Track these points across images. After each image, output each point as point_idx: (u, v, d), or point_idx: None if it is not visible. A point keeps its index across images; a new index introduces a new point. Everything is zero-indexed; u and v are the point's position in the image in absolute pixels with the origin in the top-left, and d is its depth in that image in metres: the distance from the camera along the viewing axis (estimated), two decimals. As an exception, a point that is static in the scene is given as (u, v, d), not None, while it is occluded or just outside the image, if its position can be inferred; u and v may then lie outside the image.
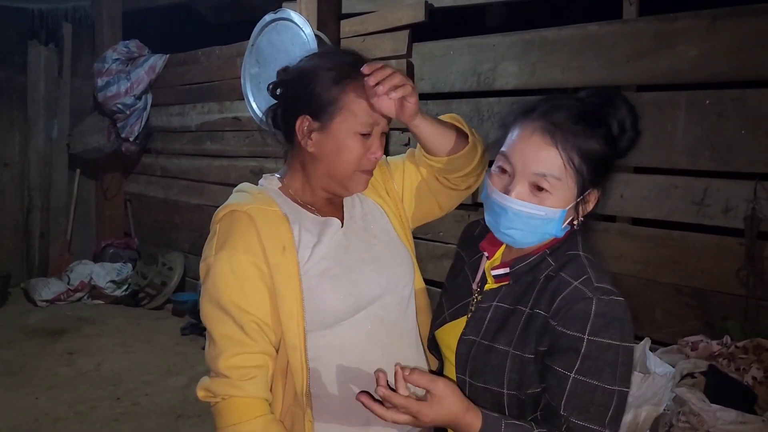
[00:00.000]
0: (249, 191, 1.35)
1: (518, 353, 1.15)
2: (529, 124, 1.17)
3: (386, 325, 1.33)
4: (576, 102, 1.19)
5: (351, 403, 1.28)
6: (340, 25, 4.00)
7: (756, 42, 2.44)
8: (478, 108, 3.37)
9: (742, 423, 1.83)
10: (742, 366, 2.09)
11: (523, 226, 1.16)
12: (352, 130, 1.29)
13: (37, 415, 3.48)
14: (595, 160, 1.15)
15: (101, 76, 5.60)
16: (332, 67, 1.31)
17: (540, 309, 1.15)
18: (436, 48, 3.57)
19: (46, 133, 6.16)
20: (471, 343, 1.22)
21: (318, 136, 1.31)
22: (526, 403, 1.16)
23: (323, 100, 1.29)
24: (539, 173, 1.14)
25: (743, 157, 2.48)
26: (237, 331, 1.22)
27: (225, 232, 1.27)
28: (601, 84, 2.87)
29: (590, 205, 1.20)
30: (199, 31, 5.72)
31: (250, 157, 4.93)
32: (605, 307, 1.09)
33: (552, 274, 1.17)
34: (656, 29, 2.71)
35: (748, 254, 2.43)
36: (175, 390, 3.83)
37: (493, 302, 1.23)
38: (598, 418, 1.08)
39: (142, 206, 6.24)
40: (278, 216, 1.29)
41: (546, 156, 1.14)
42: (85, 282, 5.61)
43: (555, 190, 1.14)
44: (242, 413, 1.22)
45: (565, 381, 1.09)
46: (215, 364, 1.23)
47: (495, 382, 1.16)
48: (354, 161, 1.31)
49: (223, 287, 1.23)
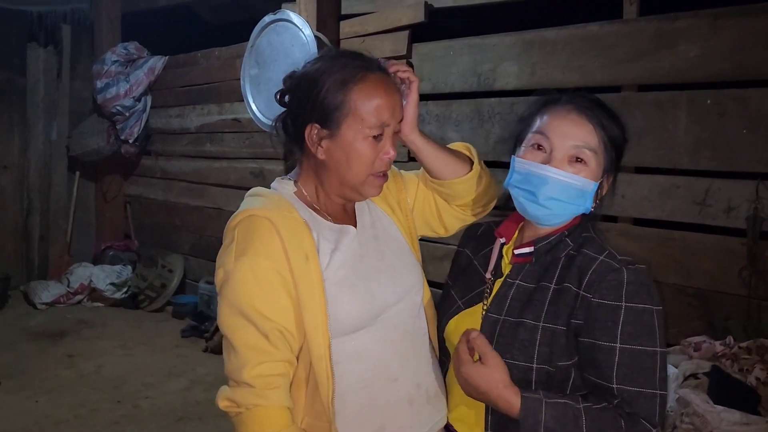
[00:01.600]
0: (265, 195, 1.31)
1: (550, 326, 1.19)
2: (562, 107, 1.27)
3: (401, 331, 1.33)
4: (589, 95, 1.30)
5: (366, 408, 1.28)
6: (340, 25, 3.99)
7: (757, 41, 2.44)
8: (479, 108, 3.37)
9: (745, 424, 1.83)
10: (746, 366, 2.08)
11: (563, 195, 1.23)
12: (361, 135, 1.26)
13: (38, 418, 3.47)
14: (616, 142, 1.27)
15: (100, 78, 5.59)
16: (335, 72, 1.27)
17: (569, 283, 1.21)
18: (436, 48, 3.57)
19: (45, 135, 6.15)
20: (495, 321, 1.25)
21: (328, 144, 1.28)
22: (555, 376, 1.19)
23: (329, 107, 1.26)
24: (579, 145, 1.23)
25: (745, 157, 2.48)
26: (260, 340, 1.19)
27: (245, 238, 1.23)
28: (602, 84, 2.87)
29: (604, 190, 1.29)
30: (199, 32, 5.71)
31: (250, 158, 4.92)
32: (635, 275, 1.17)
33: (573, 252, 1.25)
34: (657, 29, 2.70)
35: (751, 254, 2.42)
36: (176, 392, 3.82)
37: (515, 281, 1.28)
38: (649, 381, 1.14)
39: (142, 208, 6.23)
40: (299, 222, 1.26)
41: (584, 130, 1.24)
42: (84, 284, 5.61)
43: (591, 161, 1.23)
44: (268, 423, 1.19)
45: (612, 353, 1.14)
46: (239, 374, 1.19)
47: (524, 357, 1.19)
48: (366, 165, 1.28)
49: (244, 294, 1.20)
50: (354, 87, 1.26)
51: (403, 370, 1.31)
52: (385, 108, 1.27)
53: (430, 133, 3.84)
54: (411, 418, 1.31)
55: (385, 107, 1.27)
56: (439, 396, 1.37)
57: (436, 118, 3.56)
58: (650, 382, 1.14)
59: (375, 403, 1.28)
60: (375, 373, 1.29)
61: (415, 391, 1.31)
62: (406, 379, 1.31)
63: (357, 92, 1.26)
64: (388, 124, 1.28)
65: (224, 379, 1.25)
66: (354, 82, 1.26)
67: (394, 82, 1.32)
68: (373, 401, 1.28)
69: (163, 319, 5.27)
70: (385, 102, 1.27)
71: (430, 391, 1.35)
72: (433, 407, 1.35)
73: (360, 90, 1.26)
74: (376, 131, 1.27)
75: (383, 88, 1.28)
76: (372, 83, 1.27)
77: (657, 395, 1.14)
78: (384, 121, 1.27)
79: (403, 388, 1.30)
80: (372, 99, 1.26)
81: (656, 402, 1.14)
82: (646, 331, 1.15)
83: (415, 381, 1.32)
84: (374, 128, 1.26)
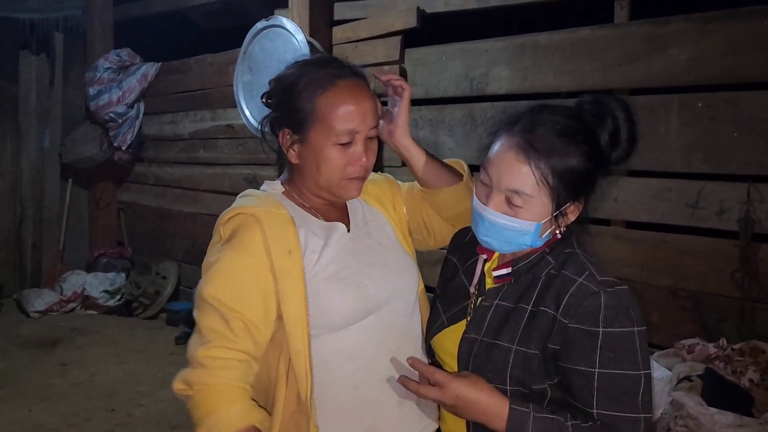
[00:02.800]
0: (254, 195, 1.34)
1: (522, 349, 1.17)
2: (508, 138, 1.19)
3: (393, 330, 1.33)
4: (562, 117, 1.19)
5: (356, 408, 1.28)
6: (333, 31, 4.00)
7: (747, 44, 2.45)
8: (471, 113, 3.37)
9: (739, 426, 1.83)
10: (739, 368, 2.09)
11: (498, 235, 1.20)
12: (329, 141, 1.26)
13: (31, 427, 3.45)
14: (573, 177, 1.17)
15: (93, 85, 5.57)
16: (306, 78, 1.28)
17: (545, 307, 1.17)
18: (428, 53, 3.57)
19: (38, 143, 6.12)
20: (473, 341, 1.23)
21: (299, 148, 1.30)
22: (531, 398, 1.17)
23: (299, 113, 1.28)
24: (512, 189, 1.17)
25: (737, 159, 2.49)
26: (222, 326, 1.21)
27: (230, 233, 1.26)
28: (594, 88, 2.87)
29: (571, 216, 1.22)
30: (191, 39, 5.71)
31: (243, 164, 4.92)
32: (613, 298, 1.12)
33: (553, 272, 1.20)
34: (648, 33, 2.71)
35: (743, 256, 2.43)
36: (170, 400, 3.79)
37: (494, 301, 1.25)
38: (631, 405, 1.11)
39: (135, 215, 6.21)
40: (285, 219, 1.28)
41: (519, 173, 1.16)
42: (78, 292, 5.57)
43: (528, 205, 1.17)
44: (219, 400, 1.18)
45: (591, 378, 1.11)
46: (195, 352, 1.21)
47: (498, 379, 1.18)
48: (336, 171, 1.28)
49: (216, 285, 1.23)
50: (322, 94, 1.27)
51: (393, 371, 1.31)
52: (353, 115, 1.26)
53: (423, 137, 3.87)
54: (401, 419, 1.31)
55: (354, 114, 1.26)
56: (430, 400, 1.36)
57: (429, 123, 3.57)
58: (633, 406, 1.11)
59: (364, 403, 1.29)
60: (365, 373, 1.29)
61: (406, 393, 1.30)
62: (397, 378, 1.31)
63: (325, 99, 1.26)
64: (358, 131, 1.27)
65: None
66: (322, 88, 1.27)
67: (368, 88, 1.31)
68: (362, 401, 1.28)
69: (157, 327, 5.24)
70: (354, 109, 1.26)
71: None
72: (424, 408, 1.35)
73: (328, 97, 1.26)
74: (345, 138, 1.26)
75: (353, 95, 1.27)
76: (341, 90, 1.27)
77: (641, 419, 1.11)
78: (352, 129, 1.27)
79: (394, 389, 1.30)
80: (340, 106, 1.26)
81: (640, 426, 1.11)
82: (626, 354, 1.11)
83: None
84: (342, 135, 1.26)
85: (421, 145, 1.42)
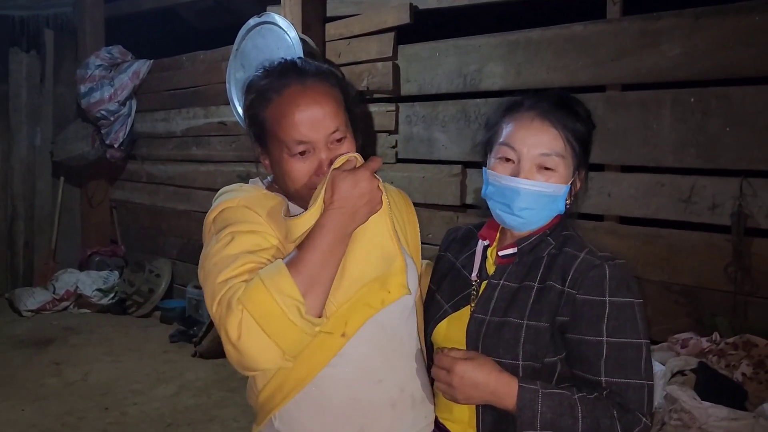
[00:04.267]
0: (233, 189, 1.31)
1: (533, 323, 1.22)
2: (524, 114, 1.28)
3: (388, 332, 1.30)
4: (554, 92, 1.33)
5: (347, 408, 1.26)
6: (325, 28, 3.99)
7: (738, 39, 2.46)
8: (465, 109, 3.37)
9: (733, 419, 1.84)
10: (732, 362, 2.10)
11: (536, 204, 1.26)
12: (285, 153, 1.22)
13: (24, 427, 3.43)
14: (582, 139, 1.29)
15: (84, 83, 5.54)
16: (257, 90, 1.25)
17: (552, 281, 1.23)
18: (421, 50, 3.57)
19: (29, 141, 6.09)
20: (481, 321, 1.26)
21: (265, 159, 1.28)
22: (542, 372, 1.21)
23: (255, 127, 1.26)
24: (545, 153, 1.25)
25: (729, 154, 2.50)
26: (237, 269, 1.14)
27: (223, 221, 1.23)
28: (586, 84, 2.88)
29: (578, 185, 1.32)
30: (184, 36, 5.68)
31: (236, 161, 4.90)
32: (616, 270, 1.21)
33: (554, 251, 1.27)
34: (640, 28, 2.72)
35: (736, 250, 2.44)
36: (165, 398, 3.79)
37: (500, 281, 1.29)
38: (636, 372, 1.18)
39: (128, 213, 6.19)
40: (270, 196, 1.27)
41: (548, 138, 1.25)
42: (71, 291, 5.55)
43: (559, 167, 1.25)
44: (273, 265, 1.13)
45: (599, 347, 1.18)
46: (217, 289, 1.13)
47: (510, 355, 1.21)
48: (300, 183, 1.23)
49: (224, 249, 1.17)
50: (268, 106, 1.23)
51: (387, 372, 1.29)
52: (301, 125, 1.20)
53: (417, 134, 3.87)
54: (393, 422, 1.29)
55: (301, 125, 1.20)
56: (425, 402, 1.35)
57: (422, 119, 3.57)
58: (637, 373, 1.17)
59: (357, 404, 1.27)
60: (359, 374, 1.27)
61: (399, 395, 1.29)
62: (391, 381, 1.29)
63: (271, 111, 1.23)
64: (309, 140, 1.21)
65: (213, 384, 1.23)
66: (268, 100, 1.23)
67: (323, 92, 1.23)
68: (355, 401, 1.26)
69: (150, 325, 5.22)
70: (299, 119, 1.20)
71: (416, 396, 1.33)
72: (418, 413, 1.33)
73: (273, 109, 1.23)
74: (299, 149, 1.21)
75: (298, 104, 1.20)
76: (286, 100, 1.22)
77: (645, 385, 1.18)
78: (302, 139, 1.20)
79: (386, 391, 1.28)
80: (284, 118, 1.21)
81: (644, 392, 1.17)
82: (630, 324, 1.18)
83: (399, 384, 1.30)
84: (293, 146, 1.21)
85: None
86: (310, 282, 1.12)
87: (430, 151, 3.55)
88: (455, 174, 3.41)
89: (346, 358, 1.26)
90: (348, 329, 1.24)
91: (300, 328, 1.10)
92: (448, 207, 3.47)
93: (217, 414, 3.56)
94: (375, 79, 3.70)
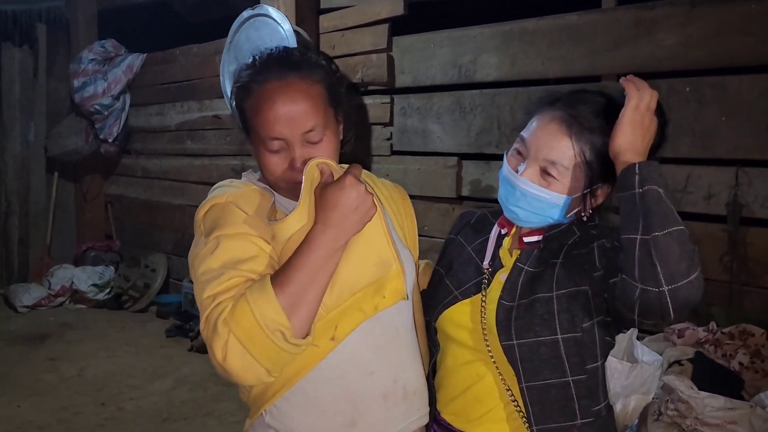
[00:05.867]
0: (225, 185, 1.31)
1: (563, 291, 1.21)
2: (550, 112, 1.24)
3: (382, 323, 1.28)
4: (601, 98, 1.25)
5: (338, 399, 1.25)
6: (319, 20, 3.97)
7: (733, 28, 2.45)
8: (460, 101, 3.36)
9: (729, 409, 1.84)
10: (729, 352, 2.10)
11: (528, 205, 1.24)
12: (262, 147, 1.22)
13: (20, 423, 3.42)
14: (605, 154, 1.18)
15: (77, 77, 5.51)
16: (240, 83, 1.25)
17: (578, 250, 1.23)
18: (416, 41, 3.55)
19: (22, 136, 6.05)
20: (509, 308, 1.24)
21: (249, 148, 1.29)
22: (584, 342, 1.20)
23: (240, 115, 1.26)
24: (549, 160, 1.21)
25: (724, 144, 2.49)
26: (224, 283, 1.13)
27: (212, 222, 1.22)
28: (582, 74, 2.87)
29: (599, 199, 1.27)
30: (177, 29, 5.65)
31: (231, 155, 4.88)
32: None
33: (578, 240, 1.25)
34: (635, 17, 2.71)
35: (731, 240, 2.43)
36: (161, 393, 3.78)
37: (524, 267, 1.27)
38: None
39: (123, 208, 6.16)
40: (258, 192, 1.26)
41: (558, 144, 1.21)
42: (66, 286, 5.53)
43: (562, 178, 1.21)
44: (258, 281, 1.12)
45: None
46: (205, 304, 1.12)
47: (548, 330, 1.20)
48: (276, 176, 1.23)
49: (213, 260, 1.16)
50: (247, 99, 1.23)
51: (380, 363, 1.27)
52: (275, 122, 1.18)
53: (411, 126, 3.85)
54: (384, 414, 1.28)
55: (276, 121, 1.18)
56: (418, 394, 1.33)
57: (417, 111, 3.55)
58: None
59: (348, 395, 1.25)
60: (351, 365, 1.25)
61: (391, 386, 1.28)
62: (383, 373, 1.27)
63: (249, 105, 1.23)
64: (284, 137, 1.19)
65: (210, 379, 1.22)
66: (247, 93, 1.23)
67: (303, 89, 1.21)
68: (346, 393, 1.25)
69: (147, 320, 5.21)
70: (275, 115, 1.18)
71: (408, 388, 1.31)
72: (410, 405, 1.31)
73: (251, 103, 1.22)
74: (274, 146, 1.20)
75: (275, 100, 1.19)
76: (263, 95, 1.20)
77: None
78: (277, 135, 1.19)
79: (378, 382, 1.27)
80: (260, 113, 1.20)
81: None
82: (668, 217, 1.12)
83: (392, 376, 1.29)
84: (268, 142, 1.20)
85: None
86: (296, 302, 1.11)
87: (425, 143, 3.53)
88: (451, 166, 3.40)
89: (338, 351, 1.24)
90: (338, 333, 1.22)
91: (286, 351, 1.11)
92: (444, 199, 3.46)
93: (214, 408, 3.55)
94: (369, 71, 3.69)
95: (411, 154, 3.63)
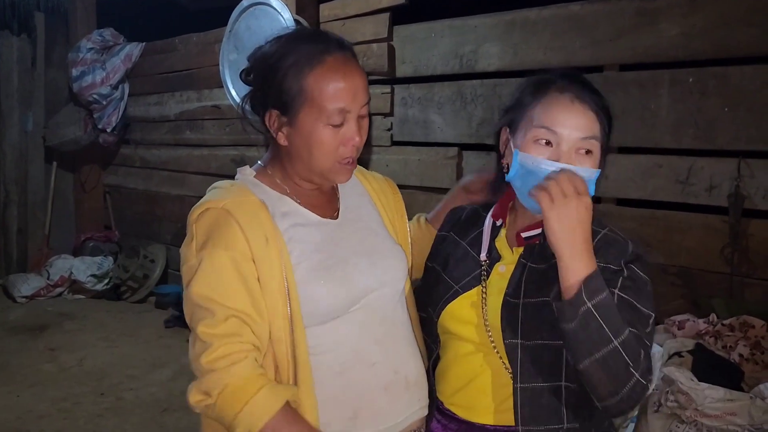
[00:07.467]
0: (221, 187, 1.29)
1: None
2: (560, 96, 1.23)
3: (379, 317, 1.30)
4: (574, 73, 1.30)
5: (341, 392, 1.26)
6: (320, 8, 3.94)
7: (737, 18, 2.43)
8: (461, 91, 3.34)
9: (729, 400, 1.83)
10: (729, 343, 2.09)
11: None
12: (320, 122, 1.21)
13: (20, 413, 3.42)
14: (609, 123, 1.27)
15: (76, 66, 5.48)
16: (291, 56, 1.22)
17: None
18: (417, 30, 3.53)
19: (20, 126, 6.03)
20: (515, 305, 1.23)
21: (288, 131, 1.25)
22: None
23: (286, 94, 1.22)
24: (587, 137, 1.22)
25: (726, 135, 2.48)
26: (218, 325, 1.16)
27: (204, 231, 1.21)
28: (584, 64, 2.85)
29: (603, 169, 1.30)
30: (176, 18, 5.61)
31: (230, 145, 4.86)
32: (637, 248, 1.26)
33: None
34: (637, 7, 2.68)
35: (733, 232, 2.42)
36: (160, 383, 3.78)
37: (527, 262, 1.27)
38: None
39: (122, 198, 6.15)
40: (256, 204, 1.24)
41: (589, 121, 1.23)
42: (65, 277, 5.53)
43: (595, 150, 1.24)
44: (245, 394, 1.14)
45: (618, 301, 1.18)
46: (200, 361, 1.16)
47: (555, 336, 1.18)
48: (329, 154, 1.23)
49: (202, 285, 1.18)
50: (310, 73, 1.21)
51: (381, 355, 1.28)
52: (344, 94, 1.21)
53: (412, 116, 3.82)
54: (387, 405, 1.28)
55: (346, 93, 1.21)
56: (418, 385, 1.34)
57: (418, 101, 3.53)
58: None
59: (351, 388, 1.26)
60: (353, 358, 1.26)
61: (393, 377, 1.28)
62: (384, 364, 1.28)
63: (313, 78, 1.21)
64: (349, 110, 1.22)
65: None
66: (310, 67, 1.21)
67: (357, 63, 1.26)
68: (349, 386, 1.26)
69: (145, 310, 5.22)
70: (344, 87, 1.21)
71: (410, 378, 1.32)
72: (412, 395, 1.32)
73: (316, 76, 1.21)
74: (337, 119, 1.21)
75: (342, 72, 1.21)
76: (330, 67, 1.21)
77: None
78: (344, 108, 1.21)
79: (380, 374, 1.28)
80: (329, 85, 1.20)
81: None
82: (644, 295, 1.21)
83: (393, 367, 1.30)
84: (333, 116, 1.21)
85: None
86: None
87: (425, 133, 3.52)
88: (451, 156, 3.39)
89: (340, 343, 1.25)
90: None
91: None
92: (445, 190, 3.41)
93: (213, 398, 3.55)
94: (370, 60, 3.66)
95: (411, 145, 3.61)
